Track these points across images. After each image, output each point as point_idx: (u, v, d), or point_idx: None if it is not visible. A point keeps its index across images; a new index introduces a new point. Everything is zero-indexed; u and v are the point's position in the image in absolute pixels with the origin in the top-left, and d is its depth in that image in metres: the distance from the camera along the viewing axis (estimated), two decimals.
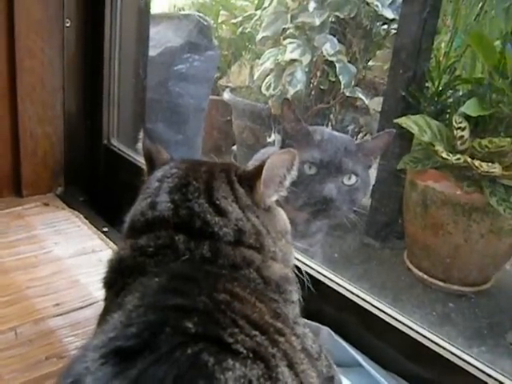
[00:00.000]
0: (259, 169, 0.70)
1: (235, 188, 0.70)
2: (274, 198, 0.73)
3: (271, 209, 0.73)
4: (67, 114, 1.50)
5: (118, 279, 0.67)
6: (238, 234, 0.67)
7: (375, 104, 2.75)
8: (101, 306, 0.73)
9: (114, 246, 1.29)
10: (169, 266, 0.63)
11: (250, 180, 0.71)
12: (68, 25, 1.44)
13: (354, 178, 1.22)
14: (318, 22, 2.50)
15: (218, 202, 0.68)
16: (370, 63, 2.84)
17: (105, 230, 1.38)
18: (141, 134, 0.82)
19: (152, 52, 1.74)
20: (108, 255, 1.24)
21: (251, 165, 0.73)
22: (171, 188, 0.70)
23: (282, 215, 0.76)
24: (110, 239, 1.33)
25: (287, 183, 0.72)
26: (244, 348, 0.50)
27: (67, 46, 1.45)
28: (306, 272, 0.83)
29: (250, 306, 0.58)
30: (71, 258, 1.25)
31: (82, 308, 1.09)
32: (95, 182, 1.53)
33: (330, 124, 2.82)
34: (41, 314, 1.06)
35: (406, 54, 2.26)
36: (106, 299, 0.71)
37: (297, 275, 0.75)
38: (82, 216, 1.43)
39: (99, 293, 1.10)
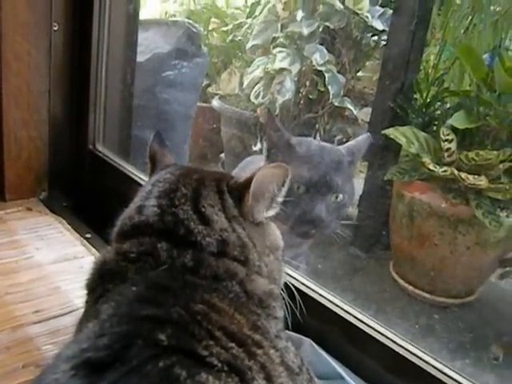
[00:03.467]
0: (248, 181, 0.68)
1: (224, 198, 0.69)
2: (267, 213, 0.71)
3: (262, 223, 0.72)
4: (52, 118, 1.48)
5: (99, 284, 0.66)
6: (221, 244, 0.65)
7: (364, 114, 2.76)
8: (81, 313, 0.71)
9: (97, 253, 1.27)
10: (147, 275, 0.62)
11: (239, 191, 0.69)
12: (56, 28, 1.42)
13: (341, 196, 1.21)
14: (307, 31, 2.51)
15: (203, 210, 0.66)
16: (360, 74, 2.85)
17: (88, 236, 1.36)
18: (150, 138, 0.82)
19: (140, 58, 1.73)
20: (90, 262, 1.23)
21: (242, 176, 0.71)
22: (160, 193, 0.69)
23: (273, 231, 0.75)
24: (93, 246, 1.31)
25: (279, 199, 0.70)
26: (219, 361, 0.49)
27: (54, 50, 1.44)
28: (291, 283, 0.82)
29: (228, 318, 0.57)
30: (52, 264, 1.23)
31: (61, 315, 1.06)
32: (79, 188, 1.51)
33: (318, 134, 2.82)
34: (19, 320, 1.03)
35: (394, 65, 2.27)
36: (86, 303, 0.69)
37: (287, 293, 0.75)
38: (64, 222, 1.41)
39: (80, 300, 1.09)
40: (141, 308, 0.55)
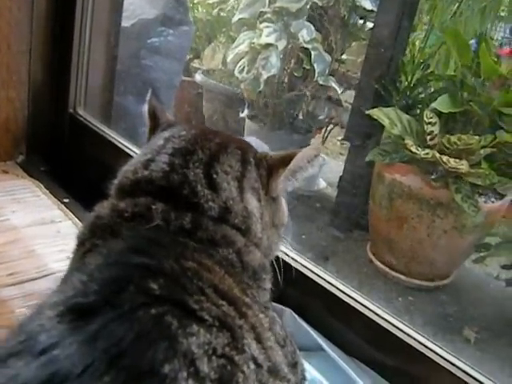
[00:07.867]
0: (287, 158, 0.69)
1: (247, 168, 0.68)
2: (287, 189, 0.73)
3: (277, 198, 0.72)
4: (33, 79, 1.44)
5: (88, 238, 0.64)
6: (223, 211, 0.64)
7: (347, 96, 2.76)
8: (56, 278, 0.69)
9: (75, 218, 1.25)
10: (139, 231, 0.60)
11: (274, 167, 0.69)
12: None
13: None
14: (295, 7, 2.48)
15: (214, 176, 0.64)
16: (344, 57, 2.84)
17: (65, 201, 1.33)
18: (148, 95, 0.79)
19: (125, 23, 1.68)
20: (67, 226, 1.21)
21: (272, 153, 0.72)
22: (175, 150, 0.66)
23: (284, 206, 0.75)
24: (71, 211, 1.28)
25: (302, 175, 0.71)
26: (210, 316, 0.48)
27: (37, 8, 1.39)
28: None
29: (219, 278, 0.56)
30: (28, 228, 1.20)
31: (36, 279, 1.04)
32: (58, 152, 1.48)
33: (301, 112, 2.81)
34: None
35: (381, 46, 2.26)
36: (73, 254, 0.67)
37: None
38: (42, 186, 1.38)
39: (56, 264, 1.08)
40: (132, 257, 0.53)
